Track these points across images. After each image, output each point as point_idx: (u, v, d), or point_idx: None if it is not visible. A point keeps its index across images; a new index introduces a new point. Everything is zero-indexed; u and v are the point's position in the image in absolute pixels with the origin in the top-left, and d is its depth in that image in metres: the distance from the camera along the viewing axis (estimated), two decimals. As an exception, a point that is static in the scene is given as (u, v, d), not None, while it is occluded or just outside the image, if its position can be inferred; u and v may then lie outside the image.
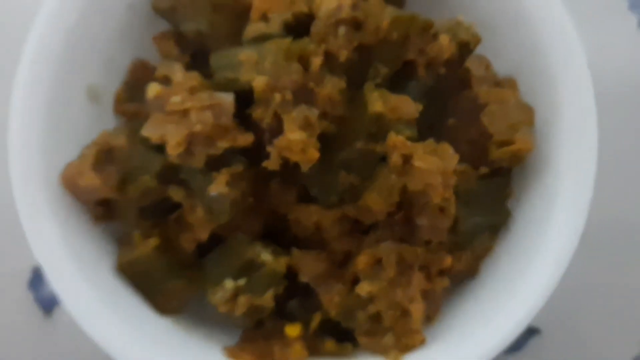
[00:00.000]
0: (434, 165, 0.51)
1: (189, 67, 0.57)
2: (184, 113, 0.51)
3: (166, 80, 0.54)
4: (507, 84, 0.58)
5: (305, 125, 0.50)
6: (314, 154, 0.50)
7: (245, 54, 0.52)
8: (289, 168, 0.52)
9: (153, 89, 0.53)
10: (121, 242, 0.57)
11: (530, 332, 0.68)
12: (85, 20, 0.59)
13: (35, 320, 0.67)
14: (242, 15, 0.56)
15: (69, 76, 0.55)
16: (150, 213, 0.56)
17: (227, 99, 0.51)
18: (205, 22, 0.57)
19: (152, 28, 0.61)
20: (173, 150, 0.51)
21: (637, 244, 0.68)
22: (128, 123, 0.62)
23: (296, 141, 0.50)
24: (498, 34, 0.59)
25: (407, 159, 0.51)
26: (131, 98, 0.61)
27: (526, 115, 0.56)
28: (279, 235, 0.57)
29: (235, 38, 0.56)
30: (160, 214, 0.56)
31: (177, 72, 0.53)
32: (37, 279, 0.68)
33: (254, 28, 0.54)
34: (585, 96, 0.55)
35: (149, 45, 0.61)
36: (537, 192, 0.57)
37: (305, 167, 0.51)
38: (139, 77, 0.61)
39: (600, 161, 0.56)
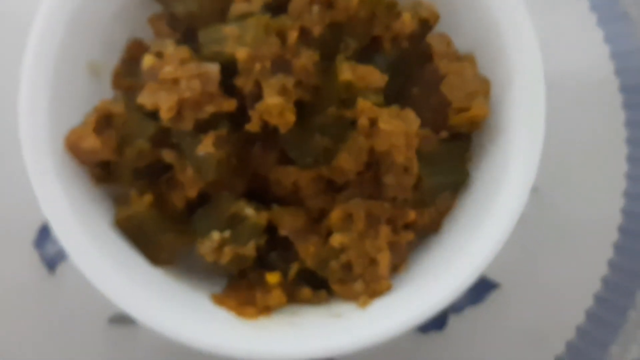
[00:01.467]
0: (398, 127, 0.54)
1: (180, 44, 0.58)
2: (175, 81, 0.54)
3: (159, 55, 0.56)
4: (466, 59, 0.61)
5: (283, 92, 0.53)
6: (291, 117, 0.53)
7: (230, 29, 0.54)
8: (269, 132, 0.55)
9: (148, 60, 0.56)
10: (118, 200, 0.60)
11: (491, 286, 0.72)
12: (87, 3, 0.62)
13: (39, 277, 0.71)
14: None
15: (72, 53, 0.58)
16: (144, 174, 0.58)
17: (214, 68, 0.54)
18: (195, 4, 0.60)
19: (146, 11, 0.63)
20: (165, 115, 0.54)
21: (589, 199, 0.72)
22: (125, 95, 0.66)
23: (274, 105, 0.53)
24: (458, 14, 0.61)
25: (373, 122, 0.54)
26: (128, 73, 0.63)
27: (482, 86, 0.59)
28: (260, 194, 0.59)
29: (221, 17, 0.58)
30: (154, 175, 0.58)
31: (169, 46, 0.56)
32: (42, 237, 0.72)
33: (237, 7, 0.57)
34: (534, 70, 0.58)
35: (144, 26, 0.64)
36: (493, 155, 0.60)
37: (283, 130, 0.54)
38: (134, 54, 0.63)
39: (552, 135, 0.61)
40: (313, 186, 0.58)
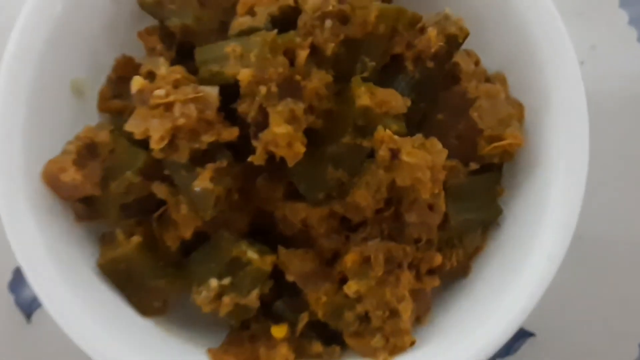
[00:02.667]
0: (423, 159, 0.51)
1: (175, 62, 0.57)
2: (168, 106, 0.51)
3: (151, 76, 0.54)
4: (497, 79, 0.59)
5: (291, 119, 0.50)
6: (300, 149, 0.51)
7: (231, 47, 0.52)
8: (276, 163, 0.52)
9: (137, 83, 0.53)
10: (103, 240, 0.58)
11: (525, 336, 0.67)
12: (69, 14, 0.58)
13: (15, 323, 0.67)
14: (229, 10, 0.57)
15: (52, 70, 0.55)
16: (133, 210, 0.56)
17: (212, 92, 0.52)
18: (192, 17, 0.58)
19: (137, 23, 0.61)
20: (156, 145, 0.51)
21: (633, 250, 0.68)
22: (112, 119, 0.62)
23: (282, 135, 0.50)
24: (486, 28, 0.59)
25: (395, 154, 0.51)
26: (116, 95, 0.61)
27: (516, 111, 0.57)
28: (265, 233, 0.57)
29: (221, 33, 0.57)
30: (144, 212, 0.56)
31: (161, 67, 0.53)
32: (17, 281, 0.68)
33: (240, 22, 0.55)
34: (575, 91, 0.55)
35: (135, 41, 0.61)
36: (528, 188, 0.57)
37: (291, 162, 0.51)
38: (123, 73, 0.61)
39: (592, 161, 0.56)
40: (325, 225, 0.55)
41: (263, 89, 0.50)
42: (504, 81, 0.59)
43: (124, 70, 0.62)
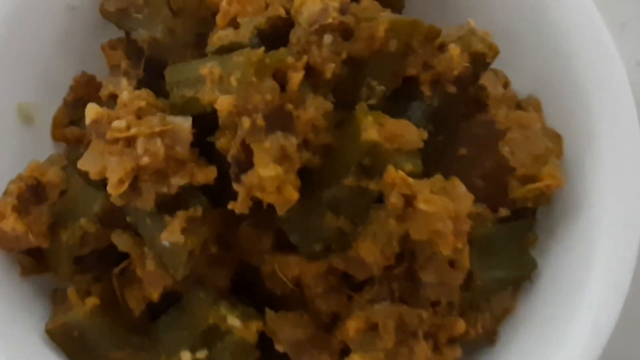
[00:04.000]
0: (443, 208, 0.47)
1: (142, 83, 0.55)
2: (129, 141, 0.48)
3: (114, 100, 0.52)
4: (530, 105, 0.56)
5: (281, 158, 0.47)
6: (293, 195, 0.47)
7: (208, 68, 0.48)
8: (262, 210, 0.48)
9: (91, 111, 0.49)
10: (54, 299, 0.55)
11: None
12: (15, 25, 0.55)
13: None
14: (207, 21, 0.54)
15: None
16: (89, 264, 0.53)
17: (184, 124, 0.48)
18: (162, 28, 0.55)
19: (99, 35, 0.59)
20: (114, 189, 0.47)
21: None
22: (67, 151, 0.59)
23: (270, 178, 0.46)
24: (517, 43, 0.56)
25: (409, 200, 0.47)
26: (73, 121, 0.60)
27: (554, 144, 0.53)
28: (250, 292, 0.54)
29: (198, 48, 0.54)
30: (102, 266, 0.53)
31: (123, 90, 0.50)
32: None
33: (219, 36, 0.51)
34: (626, 119, 0.52)
35: (96, 55, 0.60)
36: (569, 238, 0.54)
37: (281, 211, 0.47)
38: (83, 94, 0.60)
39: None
40: (322, 283, 0.52)
41: (246, 121, 0.46)
42: (538, 107, 0.55)
43: (84, 91, 0.60)
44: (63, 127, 0.59)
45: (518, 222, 0.54)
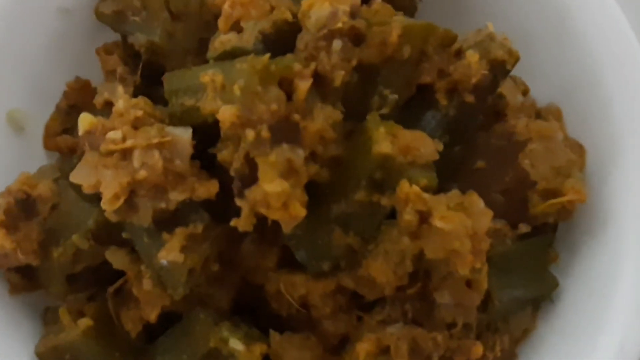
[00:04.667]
0: (461, 225, 0.46)
1: (139, 90, 0.55)
2: (125, 154, 0.47)
3: (109, 108, 0.51)
4: (550, 113, 0.56)
5: (288, 172, 0.45)
6: (300, 211, 0.45)
7: (209, 75, 0.47)
8: (267, 226, 0.47)
9: (85, 121, 0.48)
10: (45, 319, 0.54)
11: None
12: (4, 28, 0.54)
13: None
14: (209, 25, 0.54)
15: None
16: (83, 283, 0.52)
17: (183, 135, 0.47)
18: (161, 32, 0.55)
19: (94, 39, 0.58)
20: (109, 205, 0.46)
21: None
22: (60, 161, 0.58)
23: (275, 194, 0.44)
24: (536, 48, 0.56)
25: (424, 217, 0.46)
26: (67, 129, 0.59)
27: (576, 156, 0.53)
28: (253, 313, 0.54)
29: (198, 54, 0.54)
30: (96, 285, 0.53)
31: (119, 99, 0.49)
32: None
33: (222, 41, 0.50)
34: None
35: (91, 60, 0.58)
36: (592, 256, 0.53)
37: (287, 228, 0.46)
38: (77, 101, 0.59)
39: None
40: (331, 303, 0.51)
41: (250, 133, 0.45)
42: (559, 116, 0.55)
43: (78, 97, 0.59)
44: (56, 135, 0.58)
45: (538, 238, 0.53)
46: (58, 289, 0.52)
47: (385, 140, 0.47)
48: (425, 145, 0.48)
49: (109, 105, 0.52)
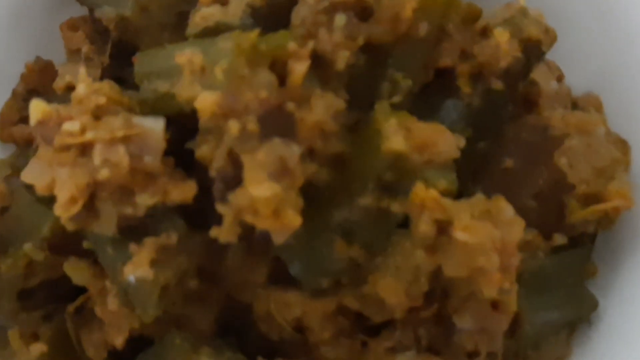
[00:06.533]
0: (487, 237, 0.44)
1: (107, 73, 0.54)
2: (84, 149, 0.44)
3: (71, 93, 0.48)
4: (589, 104, 0.55)
5: (280, 173, 0.43)
6: (294, 220, 0.43)
7: (186, 55, 0.45)
8: (255, 235, 0.45)
9: (37, 109, 0.45)
10: None
11: None
12: None
13: None
14: None
15: None
16: (37, 300, 0.51)
17: (155, 127, 0.45)
18: (133, 4, 0.53)
19: (57, 13, 0.57)
20: (64, 210, 0.44)
21: None
22: (16, 155, 0.57)
23: (264, 199, 0.42)
24: (572, 27, 0.55)
25: (443, 227, 0.44)
26: (24, 117, 0.57)
27: (621, 154, 0.52)
28: (240, 336, 0.52)
29: (176, 31, 0.53)
30: (53, 302, 0.51)
31: (80, 82, 0.47)
32: None
33: (204, 15, 0.49)
34: None
35: (54, 38, 0.58)
36: (636, 271, 0.51)
37: (279, 239, 0.44)
38: (36, 85, 0.58)
39: None
40: (330, 326, 0.49)
41: (235, 125, 0.43)
42: (599, 107, 0.55)
43: (38, 81, 0.58)
44: (11, 125, 0.58)
45: (575, 251, 0.51)
46: (7, 307, 0.50)
47: (397, 134, 0.45)
48: (444, 141, 0.46)
49: (71, 90, 0.48)
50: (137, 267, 0.44)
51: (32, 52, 0.58)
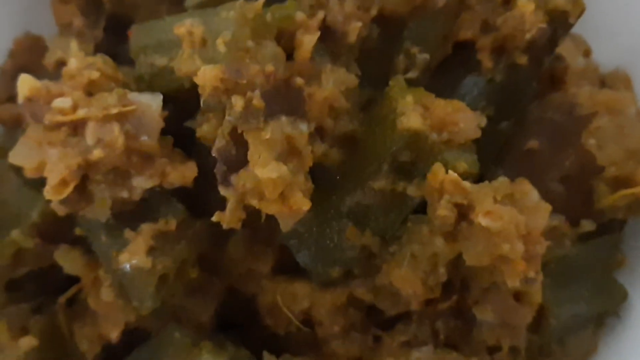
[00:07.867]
0: (511, 223, 0.42)
1: (101, 48, 0.52)
2: (76, 128, 0.43)
3: (62, 69, 0.47)
4: (618, 81, 0.54)
5: (287, 153, 0.42)
6: (302, 203, 0.42)
7: (186, 27, 0.44)
8: (260, 221, 0.44)
9: (25, 85, 0.44)
10: None
11: None
12: None
13: None
14: None
15: None
16: (26, 291, 0.50)
17: (152, 103, 0.44)
18: None
19: None
20: (55, 194, 0.43)
21: None
22: (4, 136, 0.56)
23: (270, 181, 0.41)
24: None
25: (463, 212, 0.43)
26: (12, 96, 0.55)
27: None
28: (243, 329, 0.51)
29: (174, 3, 0.51)
30: (44, 293, 0.50)
31: (72, 57, 0.45)
32: None
33: None
34: None
35: (45, 11, 0.57)
36: None
37: (285, 226, 0.43)
38: (25, 61, 0.57)
39: None
40: (340, 319, 0.49)
41: (239, 102, 0.41)
42: (629, 85, 0.54)
43: (27, 57, 0.56)
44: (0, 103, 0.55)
45: (603, 238, 0.50)
46: (-4, 298, 0.45)
47: (413, 112, 0.44)
48: (464, 120, 0.45)
49: (62, 66, 0.48)
50: (133, 255, 0.44)
51: (21, 27, 0.57)
